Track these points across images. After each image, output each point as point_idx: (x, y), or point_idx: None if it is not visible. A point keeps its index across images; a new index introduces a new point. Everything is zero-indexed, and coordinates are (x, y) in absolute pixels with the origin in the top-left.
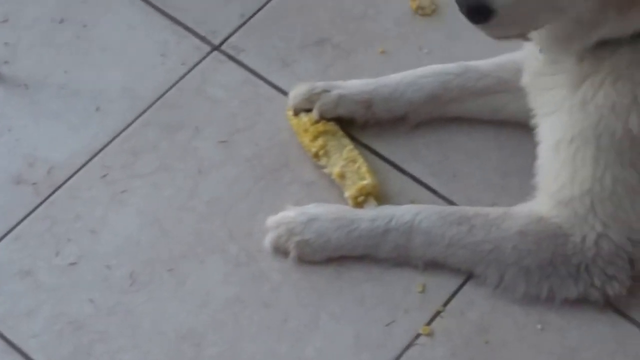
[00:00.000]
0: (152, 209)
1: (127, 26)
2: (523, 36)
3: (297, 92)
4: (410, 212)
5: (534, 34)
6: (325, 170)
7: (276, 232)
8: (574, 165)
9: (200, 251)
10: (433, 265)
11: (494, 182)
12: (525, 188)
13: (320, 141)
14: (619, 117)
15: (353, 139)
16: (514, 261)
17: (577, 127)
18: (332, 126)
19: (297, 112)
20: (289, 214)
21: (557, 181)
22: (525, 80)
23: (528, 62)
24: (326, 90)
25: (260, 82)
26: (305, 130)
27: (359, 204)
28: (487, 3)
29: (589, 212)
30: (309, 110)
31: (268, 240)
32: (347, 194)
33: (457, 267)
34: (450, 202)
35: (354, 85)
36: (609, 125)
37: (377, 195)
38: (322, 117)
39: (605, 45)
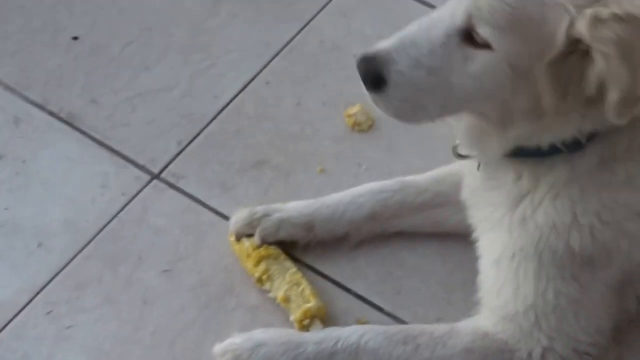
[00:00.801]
0: (99, 344)
1: (66, 159)
2: (426, 119)
3: (238, 218)
4: (356, 334)
5: (459, 135)
6: (270, 295)
7: (223, 359)
8: (516, 281)
9: None
10: None
11: (439, 296)
12: (470, 301)
13: (263, 266)
14: (560, 236)
15: (296, 260)
16: None
17: (518, 245)
18: (274, 250)
19: (239, 238)
20: (236, 340)
21: (500, 297)
22: (465, 195)
23: (467, 178)
24: (267, 215)
25: (202, 209)
26: (248, 256)
27: (305, 328)
28: (381, 73)
29: (534, 327)
30: (251, 235)
31: None
32: (293, 317)
33: None
34: (397, 319)
35: (295, 208)
36: (550, 244)
37: (323, 317)
38: (264, 242)
39: (541, 163)
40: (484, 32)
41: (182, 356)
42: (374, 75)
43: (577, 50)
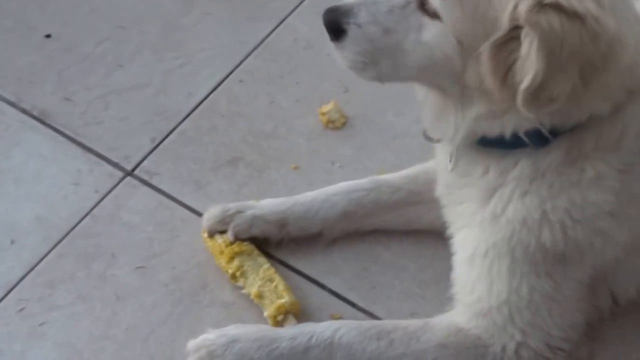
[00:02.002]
0: (72, 341)
1: (39, 157)
2: (377, 77)
3: (211, 214)
4: (330, 329)
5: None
6: (244, 291)
7: (197, 355)
8: (490, 277)
9: None
10: None
11: (413, 291)
12: (444, 296)
13: (236, 262)
14: (531, 231)
15: (270, 256)
16: None
17: (490, 241)
18: (247, 246)
19: (211, 234)
20: (209, 336)
21: (474, 293)
22: (438, 192)
23: (440, 175)
24: (240, 212)
25: (175, 205)
26: (221, 252)
27: (278, 323)
28: (341, 24)
29: (508, 322)
30: (224, 232)
31: None
32: (266, 313)
33: None
34: (371, 314)
35: (268, 205)
36: (522, 239)
37: (297, 312)
38: (237, 238)
39: (506, 156)
40: (434, 1)
41: (156, 352)
42: (335, 25)
43: (518, 36)
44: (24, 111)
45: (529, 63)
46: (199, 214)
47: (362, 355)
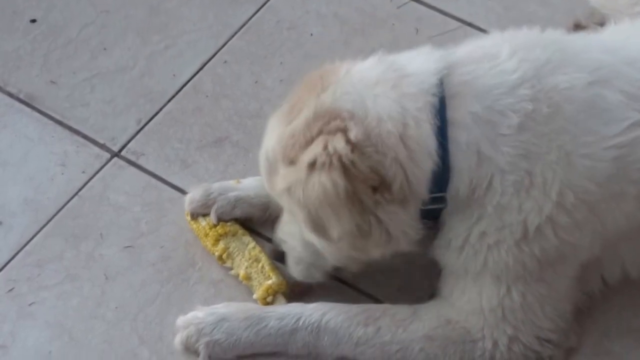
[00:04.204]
0: (61, 320)
1: (25, 139)
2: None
3: (193, 197)
4: (318, 312)
5: None
6: (232, 272)
7: (185, 332)
8: (478, 287)
9: (112, 358)
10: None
11: (401, 267)
12: (432, 272)
13: (221, 245)
14: (504, 251)
15: (255, 233)
16: None
17: (464, 265)
18: (231, 226)
19: (194, 217)
20: (199, 314)
21: (464, 296)
22: None
23: None
24: (222, 194)
25: (162, 185)
26: (206, 235)
27: (268, 304)
28: (278, 248)
29: (500, 321)
30: (207, 214)
31: (178, 340)
32: (255, 296)
33: None
34: (358, 290)
35: (251, 186)
36: (495, 260)
37: (285, 291)
38: (220, 220)
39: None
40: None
41: (145, 331)
42: (277, 251)
43: None
44: (10, 95)
45: (298, 217)
46: (186, 193)
47: (349, 340)
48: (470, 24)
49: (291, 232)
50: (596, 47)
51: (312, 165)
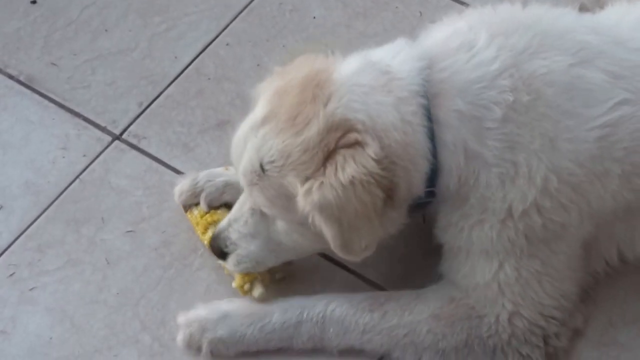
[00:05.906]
0: (62, 305)
1: (26, 122)
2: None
3: (181, 189)
4: (321, 302)
5: None
6: (219, 262)
7: (188, 330)
8: (470, 262)
9: (114, 344)
10: (348, 351)
11: (400, 252)
12: (433, 260)
13: (209, 233)
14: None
15: None
16: (429, 344)
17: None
18: (220, 214)
19: (186, 208)
20: (201, 312)
21: (460, 271)
22: None
23: None
24: (209, 180)
25: (164, 169)
26: (197, 224)
27: (247, 292)
28: (222, 248)
29: (498, 295)
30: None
31: (180, 338)
32: (234, 284)
33: (374, 352)
34: (361, 276)
35: None
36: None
37: (264, 279)
38: (211, 207)
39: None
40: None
41: (146, 316)
42: (219, 250)
43: None
44: (10, 77)
45: (325, 232)
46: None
47: (355, 327)
48: None
49: (251, 232)
50: (582, 27)
51: (351, 183)
